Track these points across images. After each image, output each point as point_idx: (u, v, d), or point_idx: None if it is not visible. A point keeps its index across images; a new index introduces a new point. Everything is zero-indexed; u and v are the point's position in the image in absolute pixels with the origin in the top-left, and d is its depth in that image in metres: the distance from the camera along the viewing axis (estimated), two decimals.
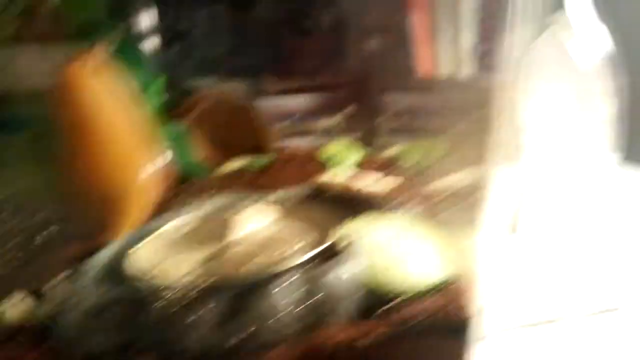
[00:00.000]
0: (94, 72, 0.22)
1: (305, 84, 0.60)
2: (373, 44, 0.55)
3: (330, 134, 0.60)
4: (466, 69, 0.54)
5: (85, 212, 0.23)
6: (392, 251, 0.25)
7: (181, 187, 0.39)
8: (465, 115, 0.47)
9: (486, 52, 0.53)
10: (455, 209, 0.30)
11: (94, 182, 0.22)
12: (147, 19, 0.38)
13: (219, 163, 0.47)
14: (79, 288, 0.24)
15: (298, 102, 0.61)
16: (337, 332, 0.22)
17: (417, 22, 0.55)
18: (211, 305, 0.21)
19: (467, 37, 0.54)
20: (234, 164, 0.48)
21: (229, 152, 0.47)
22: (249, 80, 0.60)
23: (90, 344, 0.21)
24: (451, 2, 0.54)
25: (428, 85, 0.54)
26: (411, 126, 0.54)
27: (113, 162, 0.22)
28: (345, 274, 0.23)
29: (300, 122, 0.61)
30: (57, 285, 0.24)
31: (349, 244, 0.25)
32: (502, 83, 0.48)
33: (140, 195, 0.23)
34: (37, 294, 0.23)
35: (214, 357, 0.21)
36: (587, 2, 0.36)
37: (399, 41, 0.55)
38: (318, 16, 0.59)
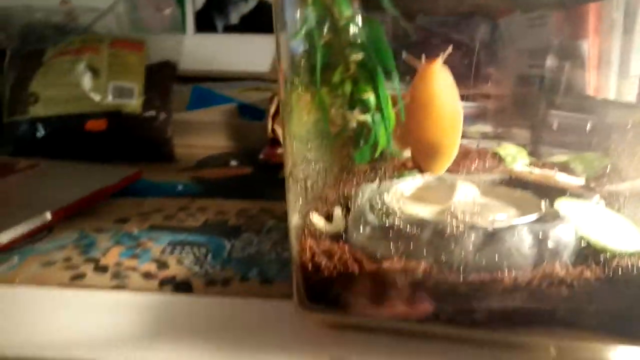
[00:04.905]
0: (440, 68, 0.32)
1: (471, 92, 0.68)
2: (548, 63, 0.62)
3: (489, 139, 0.68)
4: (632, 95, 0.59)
5: (418, 157, 0.33)
6: (599, 223, 0.32)
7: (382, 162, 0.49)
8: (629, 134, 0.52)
9: None
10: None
11: (427, 140, 0.33)
12: None
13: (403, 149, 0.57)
14: (358, 213, 0.34)
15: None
16: (560, 270, 0.30)
17: (591, 46, 0.61)
18: (467, 238, 0.31)
19: (637, 64, 0.59)
20: None
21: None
22: None
23: (377, 250, 0.31)
24: (626, 29, 0.60)
25: (594, 105, 0.60)
26: (575, 143, 0.60)
27: (441, 128, 0.32)
28: (565, 231, 0.31)
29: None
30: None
31: (562, 214, 0.33)
32: None
33: (451, 151, 0.33)
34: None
35: (471, 271, 0.30)
36: None
37: (573, 62, 0.61)
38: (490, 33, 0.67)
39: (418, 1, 0.59)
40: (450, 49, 0.33)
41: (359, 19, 0.39)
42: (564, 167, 0.52)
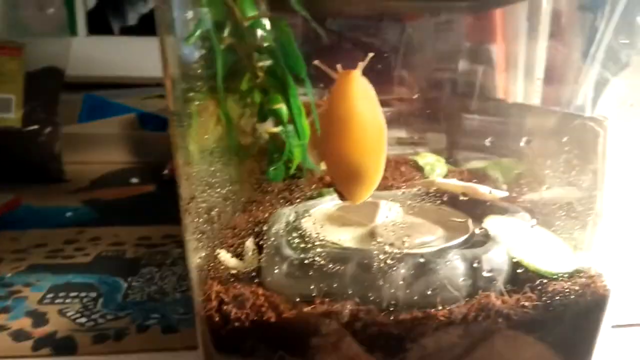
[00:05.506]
0: (359, 78, 0.28)
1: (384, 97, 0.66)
2: (459, 67, 0.61)
3: (405, 145, 0.66)
4: (538, 97, 0.60)
5: (337, 182, 0.29)
6: (530, 242, 0.30)
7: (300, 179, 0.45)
8: (541, 138, 0.52)
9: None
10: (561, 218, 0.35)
11: (346, 162, 0.28)
12: None
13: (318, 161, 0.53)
14: (273, 246, 0.29)
15: None
16: (496, 300, 0.27)
17: (498, 51, 0.61)
18: (395, 268, 0.27)
19: (541, 68, 0.60)
20: None
21: None
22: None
23: (296, 290, 0.27)
24: (529, 36, 0.60)
25: (505, 108, 0.60)
26: (487, 146, 0.60)
27: (362, 149, 0.28)
28: (498, 255, 0.29)
29: None
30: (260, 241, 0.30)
31: (492, 234, 0.30)
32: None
33: (375, 175, 0.29)
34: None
35: (401, 308, 0.26)
36: None
37: (482, 66, 0.61)
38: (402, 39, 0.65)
39: (327, 2, 0.56)
40: (370, 56, 0.29)
41: (265, 20, 0.34)
42: (482, 174, 0.51)
